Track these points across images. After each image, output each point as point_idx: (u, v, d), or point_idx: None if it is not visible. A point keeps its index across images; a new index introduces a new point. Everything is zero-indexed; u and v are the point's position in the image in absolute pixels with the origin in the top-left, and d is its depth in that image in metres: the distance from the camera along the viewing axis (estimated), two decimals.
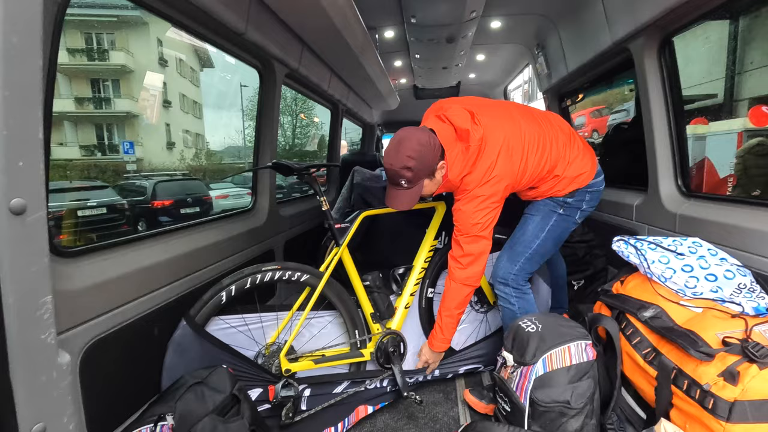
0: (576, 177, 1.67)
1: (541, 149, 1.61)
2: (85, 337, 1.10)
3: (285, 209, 2.69)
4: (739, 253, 1.54)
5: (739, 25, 8.21)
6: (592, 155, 1.74)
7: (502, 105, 1.72)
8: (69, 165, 14.92)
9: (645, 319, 1.41)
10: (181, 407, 1.15)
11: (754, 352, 1.09)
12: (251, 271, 1.61)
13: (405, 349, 1.89)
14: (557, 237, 1.77)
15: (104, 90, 18.18)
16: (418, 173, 1.51)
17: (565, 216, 1.73)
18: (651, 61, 1.99)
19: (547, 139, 1.64)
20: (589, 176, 1.69)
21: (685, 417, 1.20)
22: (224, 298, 1.55)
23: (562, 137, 1.68)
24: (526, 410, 1.44)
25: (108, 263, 1.25)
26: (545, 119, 1.72)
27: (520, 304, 1.79)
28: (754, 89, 8.12)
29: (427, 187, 1.60)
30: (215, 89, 24.28)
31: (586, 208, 1.75)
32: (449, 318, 1.71)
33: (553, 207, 1.73)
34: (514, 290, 1.78)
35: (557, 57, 3.05)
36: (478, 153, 1.54)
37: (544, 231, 1.73)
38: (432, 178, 1.57)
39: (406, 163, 1.48)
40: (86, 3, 16.98)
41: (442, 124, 1.56)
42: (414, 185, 1.54)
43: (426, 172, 1.53)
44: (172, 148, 19.62)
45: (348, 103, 4.01)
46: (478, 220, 1.56)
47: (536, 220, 1.74)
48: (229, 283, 1.56)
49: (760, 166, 3.79)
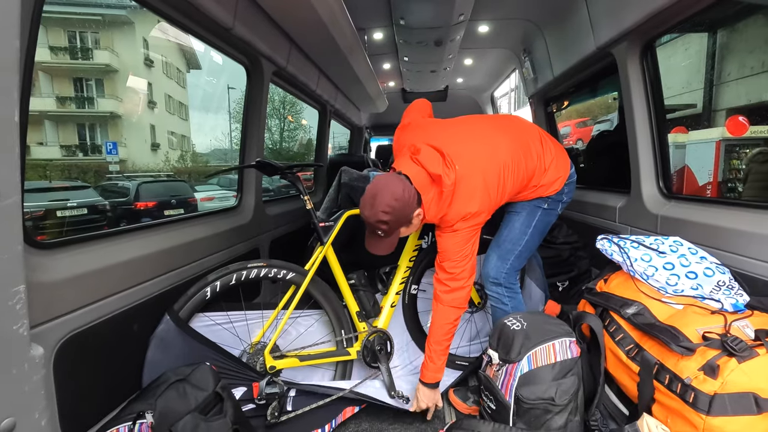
0: (554, 181, 1.69)
1: (517, 167, 1.60)
2: (61, 331, 1.07)
3: (271, 208, 2.67)
4: (718, 252, 1.58)
5: (717, 39, 8.49)
6: (564, 154, 1.76)
7: (474, 127, 1.69)
8: (49, 165, 14.57)
9: (628, 315, 1.43)
10: (161, 405, 1.12)
11: (734, 346, 1.11)
12: (236, 267, 1.59)
13: (392, 347, 1.88)
14: (542, 231, 1.79)
15: (87, 89, 17.84)
16: (394, 225, 1.49)
17: (549, 210, 1.76)
18: (634, 65, 2.04)
19: (522, 153, 1.61)
20: (567, 173, 1.72)
21: (667, 411, 1.22)
22: (209, 294, 1.52)
23: (535, 146, 1.66)
24: (511, 408, 1.44)
25: (87, 256, 1.22)
26: (517, 128, 1.70)
27: (512, 303, 1.79)
28: (730, 100, 8.39)
29: (404, 232, 1.59)
30: (202, 91, 24.06)
31: (566, 200, 1.79)
32: (438, 346, 1.64)
33: (538, 203, 1.74)
34: (506, 290, 1.78)
35: (543, 61, 3.10)
36: (452, 196, 1.51)
37: (531, 227, 1.74)
38: (409, 225, 1.55)
39: (381, 218, 1.46)
40: (71, 1, 16.69)
41: (416, 168, 1.51)
42: (391, 234, 1.54)
43: (402, 222, 1.51)
44: (156, 149, 19.33)
45: (336, 104, 4.00)
46: (460, 248, 1.56)
47: (522, 216, 1.75)
48: (214, 278, 1.54)
49: (761, 172, 4.16)
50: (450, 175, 1.49)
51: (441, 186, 1.49)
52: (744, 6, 7.11)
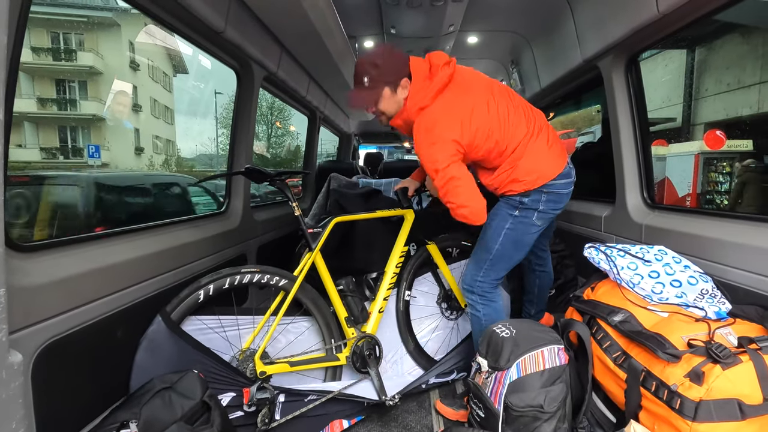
0: (533, 170, 1.64)
1: (505, 124, 1.62)
2: (42, 337, 1.03)
3: (259, 214, 2.64)
4: (700, 261, 1.61)
5: (695, 56, 8.80)
6: (559, 157, 1.69)
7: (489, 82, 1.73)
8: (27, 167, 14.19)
9: (615, 323, 1.45)
10: (146, 414, 1.09)
11: (718, 353, 1.14)
12: (230, 271, 1.59)
13: (381, 352, 1.87)
14: (516, 241, 1.73)
15: (70, 91, 17.48)
16: (382, 75, 1.60)
17: (522, 218, 1.70)
18: (618, 78, 2.10)
19: (516, 121, 1.64)
20: (547, 176, 1.65)
21: (654, 418, 1.23)
22: (201, 297, 1.51)
23: (534, 129, 1.67)
24: (500, 415, 1.44)
25: (70, 260, 1.18)
26: (526, 107, 1.73)
27: (485, 311, 1.79)
28: (708, 115, 8.68)
29: (386, 101, 1.65)
30: (188, 95, 23.81)
31: (543, 209, 1.68)
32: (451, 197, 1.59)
33: (509, 210, 1.72)
34: (480, 297, 1.79)
35: (531, 73, 3.16)
36: (441, 88, 1.59)
37: (501, 235, 1.71)
38: (393, 92, 1.64)
39: (374, 60, 1.60)
40: (56, 1, 16.41)
41: (421, 60, 1.65)
42: (375, 88, 1.62)
43: (389, 77, 1.61)
44: (140, 153, 19.00)
45: (325, 111, 4.00)
46: (435, 158, 1.55)
47: (493, 225, 1.74)
48: (208, 281, 1.53)
49: (752, 180, 5.00)
50: (447, 70, 1.60)
51: (435, 75, 1.60)
52: (721, 24, 7.40)
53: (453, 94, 1.60)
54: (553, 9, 2.44)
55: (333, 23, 2.29)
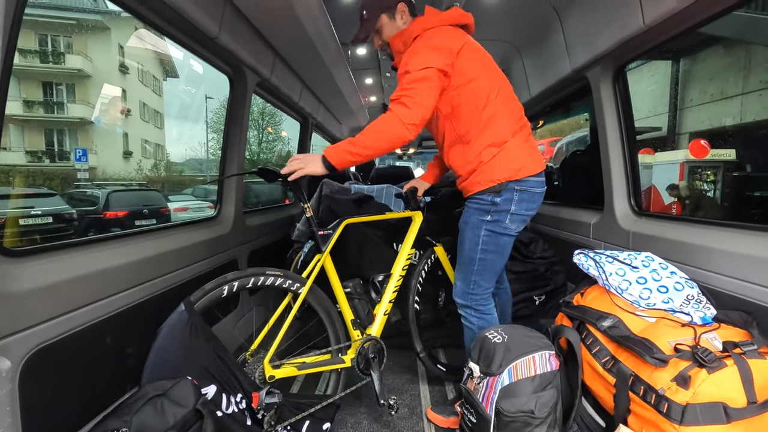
0: (518, 159, 1.60)
1: (500, 99, 1.62)
2: (30, 344, 1.01)
3: (251, 219, 2.63)
4: (686, 267, 1.65)
5: (680, 67, 9.01)
6: (539, 156, 1.68)
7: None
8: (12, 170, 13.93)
9: (604, 328, 1.47)
10: (137, 422, 1.07)
11: (704, 357, 1.16)
12: (255, 272, 1.60)
13: (384, 355, 1.86)
14: (496, 249, 1.68)
15: (57, 94, 17.25)
16: (377, 1, 1.69)
17: (495, 223, 1.64)
18: (606, 87, 2.14)
19: (511, 106, 1.66)
20: (529, 169, 1.61)
21: (642, 422, 1.25)
22: (225, 292, 1.51)
23: (522, 123, 1.68)
24: (491, 421, 1.44)
25: (59, 265, 1.17)
26: (518, 104, 1.72)
27: (479, 324, 1.77)
28: (693, 124, 8.88)
29: (386, 28, 1.72)
30: (179, 99, 23.66)
31: (516, 211, 1.62)
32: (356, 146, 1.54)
33: (480, 215, 1.66)
34: (474, 311, 1.77)
35: (521, 82, 3.21)
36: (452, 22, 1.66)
37: (479, 244, 1.67)
38: (391, 18, 1.71)
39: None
40: (43, 4, 16.22)
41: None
42: (372, 16, 1.71)
43: (385, 2, 1.69)
44: (129, 157, 18.79)
45: (318, 117, 4.01)
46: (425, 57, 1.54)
47: (468, 234, 1.70)
48: (233, 278, 1.54)
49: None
50: (459, 13, 1.68)
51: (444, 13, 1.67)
52: (705, 37, 7.61)
53: (463, 35, 1.66)
54: (543, 20, 2.49)
55: (326, 30, 2.31)
